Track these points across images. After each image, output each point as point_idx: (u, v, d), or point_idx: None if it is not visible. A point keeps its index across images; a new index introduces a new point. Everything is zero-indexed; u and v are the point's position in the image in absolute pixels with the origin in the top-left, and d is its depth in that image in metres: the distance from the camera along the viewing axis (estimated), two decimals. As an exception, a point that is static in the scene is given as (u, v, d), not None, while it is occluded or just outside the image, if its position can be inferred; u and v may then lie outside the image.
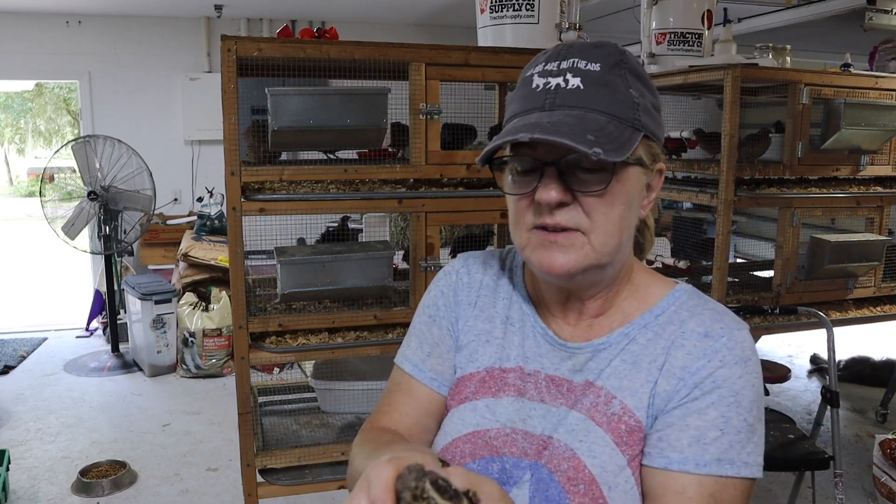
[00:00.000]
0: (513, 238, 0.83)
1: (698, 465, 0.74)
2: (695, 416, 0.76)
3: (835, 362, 2.20)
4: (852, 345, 4.79)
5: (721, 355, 0.78)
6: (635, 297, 0.86)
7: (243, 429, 1.90)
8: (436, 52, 1.89)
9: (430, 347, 0.92)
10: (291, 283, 1.89)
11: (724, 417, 0.75)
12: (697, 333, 0.80)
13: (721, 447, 0.75)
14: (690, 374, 0.78)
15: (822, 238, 2.49)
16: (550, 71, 0.77)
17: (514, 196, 0.79)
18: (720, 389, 0.76)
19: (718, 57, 2.78)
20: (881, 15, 3.26)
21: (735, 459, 0.75)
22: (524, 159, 0.78)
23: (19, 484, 3.10)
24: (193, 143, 5.79)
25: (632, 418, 0.79)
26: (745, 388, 0.77)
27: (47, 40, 5.48)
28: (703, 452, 0.75)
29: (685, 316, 0.82)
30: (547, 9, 2.17)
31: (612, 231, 0.77)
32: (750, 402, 0.77)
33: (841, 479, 2.09)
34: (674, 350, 0.80)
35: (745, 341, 0.80)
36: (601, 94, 0.75)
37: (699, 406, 0.76)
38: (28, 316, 6.16)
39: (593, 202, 0.76)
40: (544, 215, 0.76)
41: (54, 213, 4.66)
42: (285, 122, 1.81)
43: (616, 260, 0.81)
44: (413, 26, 6.17)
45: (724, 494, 0.74)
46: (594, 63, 0.76)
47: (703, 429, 0.75)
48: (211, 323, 4.51)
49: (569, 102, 0.75)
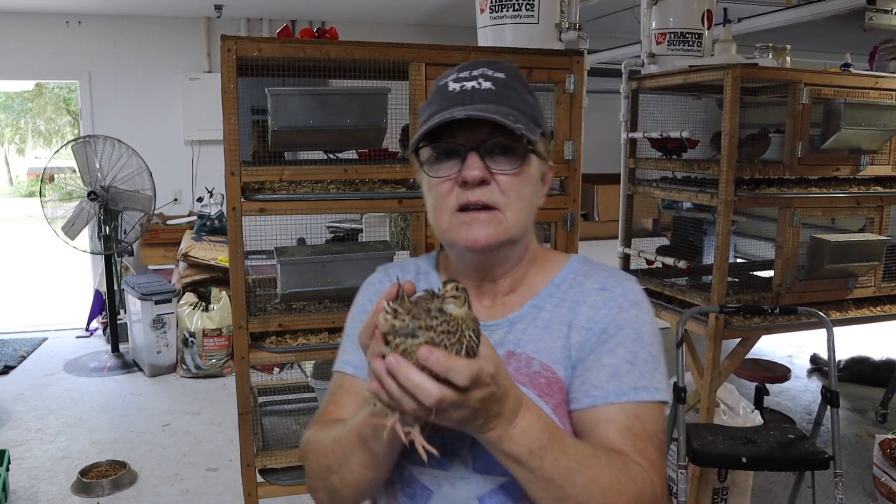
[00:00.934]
0: (434, 224, 0.93)
1: (619, 395, 0.86)
2: (607, 356, 0.88)
3: (835, 362, 2.20)
4: (852, 345, 4.79)
5: (618, 302, 0.92)
6: (539, 272, 0.98)
7: (243, 429, 1.90)
8: (436, 52, 1.89)
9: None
10: (291, 283, 1.89)
11: (631, 353, 0.89)
12: (595, 289, 0.94)
13: (634, 377, 0.87)
14: (596, 323, 0.91)
15: (822, 238, 2.49)
16: (464, 77, 0.90)
17: (437, 181, 0.89)
18: (623, 330, 0.90)
19: (718, 57, 2.78)
20: (881, 15, 3.25)
21: (648, 386, 0.87)
22: (448, 145, 0.88)
23: (19, 484, 3.10)
24: (193, 143, 5.79)
25: (549, 372, 0.90)
26: (644, 326, 0.91)
27: (47, 40, 5.48)
28: (620, 384, 0.87)
29: (582, 279, 0.96)
30: (547, 9, 2.17)
31: (523, 208, 0.90)
32: (650, 337, 0.91)
33: (841, 479, 2.09)
34: (578, 308, 0.93)
35: (635, 289, 0.94)
36: (509, 95, 0.89)
37: (609, 347, 0.89)
38: (28, 316, 6.16)
39: (509, 182, 0.88)
40: (467, 194, 0.87)
41: (54, 213, 4.66)
42: (285, 122, 1.81)
43: (524, 237, 0.94)
44: (413, 26, 6.17)
45: (644, 416, 0.86)
46: (500, 73, 0.90)
47: (616, 365, 0.88)
48: (211, 323, 4.51)
49: (484, 100, 0.87)
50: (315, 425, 0.97)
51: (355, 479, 0.88)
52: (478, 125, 0.86)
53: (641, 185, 2.87)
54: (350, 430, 0.86)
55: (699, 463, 2.19)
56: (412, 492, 0.90)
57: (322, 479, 0.91)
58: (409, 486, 0.90)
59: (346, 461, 0.87)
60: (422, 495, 0.89)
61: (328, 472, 0.90)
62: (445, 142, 0.88)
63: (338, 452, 0.88)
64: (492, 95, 0.88)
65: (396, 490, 0.91)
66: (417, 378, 0.69)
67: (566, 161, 2.01)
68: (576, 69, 1.99)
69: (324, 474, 0.91)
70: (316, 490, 0.94)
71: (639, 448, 0.85)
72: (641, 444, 0.85)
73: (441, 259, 1.06)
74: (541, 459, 0.77)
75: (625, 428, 0.85)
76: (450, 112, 0.85)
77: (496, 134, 0.86)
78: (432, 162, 0.90)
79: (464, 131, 0.87)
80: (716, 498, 2.57)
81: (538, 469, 0.77)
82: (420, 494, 0.89)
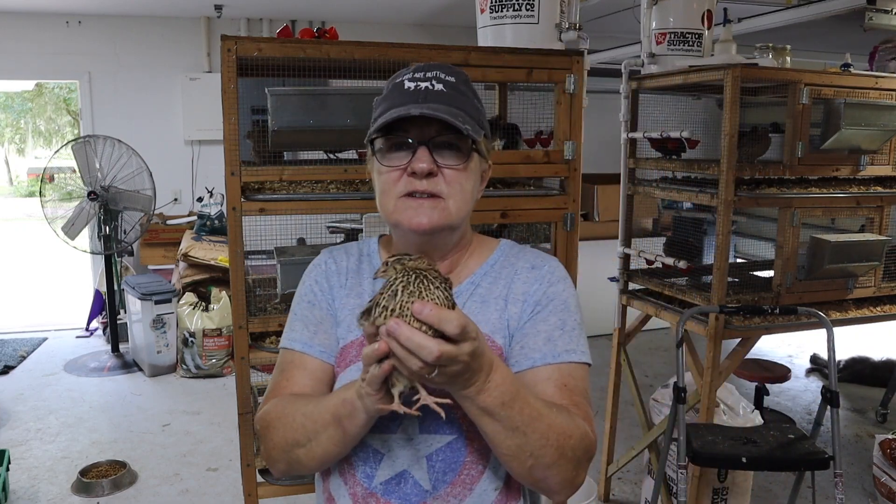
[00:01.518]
0: (381, 206, 1.02)
1: (554, 357, 0.99)
2: (542, 324, 1.01)
3: (835, 362, 2.20)
4: (852, 345, 4.79)
5: (548, 278, 1.06)
6: (473, 256, 1.11)
7: (243, 429, 1.90)
8: (436, 52, 1.89)
9: (315, 326, 1.08)
10: (291, 283, 1.89)
11: (561, 321, 1.02)
12: (526, 268, 1.07)
13: (565, 342, 1.00)
14: (530, 296, 1.04)
15: (822, 238, 2.49)
16: (419, 77, 0.99)
17: (387, 169, 0.99)
18: (553, 301, 1.03)
19: (718, 57, 2.77)
20: (881, 15, 3.25)
21: (577, 349, 1.01)
22: (400, 138, 0.97)
23: (19, 484, 3.10)
24: (193, 143, 5.79)
25: (490, 341, 1.00)
26: (570, 298, 1.05)
27: (47, 40, 5.48)
28: (554, 347, 1.00)
29: (513, 260, 1.09)
30: (547, 9, 2.17)
31: (465, 199, 1.00)
32: (575, 308, 1.05)
33: (841, 479, 2.09)
34: (512, 284, 1.05)
35: (560, 267, 1.10)
36: (458, 98, 0.98)
37: (542, 316, 1.02)
38: (28, 316, 6.16)
39: (453, 175, 0.98)
40: (415, 184, 0.96)
41: (54, 213, 4.66)
42: (285, 122, 1.81)
43: (462, 226, 1.05)
44: (413, 26, 6.17)
45: (576, 375, 1.00)
46: (451, 77, 1.00)
47: (549, 331, 1.01)
48: (211, 323, 4.51)
49: (437, 100, 0.96)
50: (270, 400, 1.04)
51: (323, 453, 0.95)
52: (428, 122, 0.95)
53: (641, 185, 2.87)
54: (324, 408, 0.93)
55: (699, 463, 2.19)
56: (365, 455, 0.99)
57: (286, 452, 0.98)
58: (363, 450, 0.99)
59: (316, 437, 0.94)
60: (374, 458, 0.99)
61: (294, 446, 0.96)
62: (398, 135, 0.98)
63: (308, 428, 0.95)
64: (443, 97, 0.97)
65: (350, 454, 0.99)
66: (419, 338, 0.76)
67: (566, 161, 2.01)
68: (576, 69, 1.99)
69: (289, 447, 0.97)
70: (276, 461, 1.01)
71: (574, 401, 0.97)
72: (576, 399, 0.98)
73: (382, 242, 1.16)
74: (510, 409, 0.86)
75: (562, 385, 0.98)
76: (406, 108, 0.94)
77: (444, 132, 0.96)
78: (384, 152, 1.00)
79: (415, 127, 0.96)
80: (716, 498, 2.57)
81: (507, 419, 0.86)
82: (372, 457, 0.99)
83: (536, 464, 0.89)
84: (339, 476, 1.02)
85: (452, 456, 0.97)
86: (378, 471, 0.98)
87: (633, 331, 2.97)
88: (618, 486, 3.13)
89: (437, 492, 0.97)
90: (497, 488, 0.99)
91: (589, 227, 5.23)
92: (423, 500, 0.97)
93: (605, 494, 3.05)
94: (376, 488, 0.98)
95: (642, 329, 2.98)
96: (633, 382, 2.95)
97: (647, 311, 2.78)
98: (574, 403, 0.96)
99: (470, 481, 0.98)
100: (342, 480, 1.01)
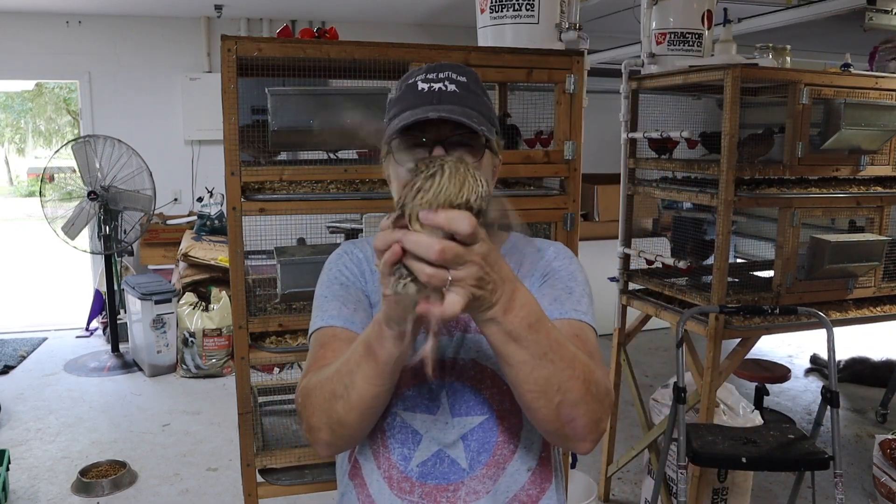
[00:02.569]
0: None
1: (561, 314, 1.01)
2: (548, 289, 1.04)
3: (835, 362, 2.20)
4: (852, 345, 4.79)
5: (553, 256, 1.10)
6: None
7: (243, 429, 1.90)
8: (436, 52, 1.89)
9: (354, 304, 1.07)
10: (291, 283, 1.89)
11: (568, 287, 1.05)
12: (533, 251, 1.12)
13: (572, 303, 1.02)
14: (536, 271, 1.08)
15: (822, 238, 2.49)
16: (432, 79, 1.02)
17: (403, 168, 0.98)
18: (560, 272, 1.07)
19: (718, 57, 2.77)
20: (881, 15, 3.25)
21: (585, 311, 1.02)
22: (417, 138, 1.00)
23: (19, 484, 3.10)
24: (193, 143, 5.79)
25: None
26: (577, 272, 1.08)
27: (47, 40, 5.48)
28: (562, 307, 1.01)
29: (521, 246, 1.13)
30: (547, 9, 2.17)
31: None
32: (583, 281, 1.07)
33: (841, 479, 2.09)
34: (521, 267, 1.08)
35: (566, 249, 1.14)
36: (471, 98, 1.01)
37: (549, 283, 1.05)
38: (28, 316, 6.16)
39: None
40: None
41: (54, 213, 4.66)
42: (285, 122, 1.81)
43: None
44: (413, 26, 6.17)
45: (585, 333, 1.00)
46: (462, 77, 1.03)
47: (555, 294, 1.03)
48: (211, 323, 4.51)
49: (451, 101, 0.99)
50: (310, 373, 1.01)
51: (359, 398, 0.91)
52: (444, 122, 0.98)
53: (641, 185, 2.87)
54: (358, 343, 0.91)
55: (699, 463, 2.19)
56: (404, 437, 1.01)
57: (326, 412, 0.94)
58: (401, 432, 1.01)
59: (352, 380, 0.91)
60: (413, 439, 1.01)
61: (333, 400, 0.93)
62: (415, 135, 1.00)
63: (343, 373, 0.92)
64: (456, 98, 1.00)
65: (387, 437, 1.01)
66: (417, 237, 0.73)
67: (566, 161, 2.01)
68: (576, 69, 1.99)
69: (328, 404, 0.93)
70: (318, 430, 0.96)
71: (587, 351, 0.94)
72: (589, 350, 0.96)
73: None
74: (537, 332, 0.84)
75: (573, 335, 0.97)
76: (423, 111, 0.97)
77: (459, 131, 0.99)
78: (401, 150, 1.02)
79: (431, 127, 0.99)
80: (716, 498, 2.57)
81: (534, 343, 0.84)
82: (412, 439, 1.01)
83: (564, 400, 0.87)
84: (373, 459, 1.02)
85: (485, 436, 1.00)
86: (416, 452, 1.00)
87: (633, 331, 2.97)
88: (618, 486, 3.14)
89: (473, 472, 0.99)
90: (529, 469, 1.02)
91: (589, 227, 5.23)
92: (461, 479, 0.99)
93: (605, 494, 3.05)
94: (412, 472, 1.00)
95: (642, 329, 2.98)
96: (633, 382, 2.95)
97: (647, 311, 2.78)
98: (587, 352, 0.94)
99: (503, 461, 1.00)
100: (376, 464, 1.02)
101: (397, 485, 1.00)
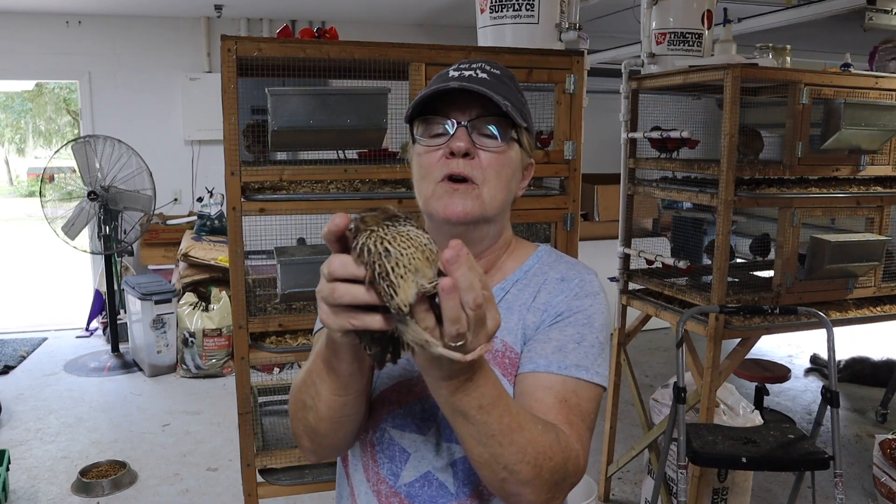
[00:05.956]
0: (418, 192, 0.99)
1: (560, 368, 0.91)
2: (556, 333, 0.94)
3: (835, 362, 2.20)
4: (852, 345, 4.79)
5: (575, 291, 0.98)
6: (509, 259, 1.05)
7: (243, 429, 1.91)
8: (436, 52, 1.89)
9: None
10: (291, 283, 1.89)
11: (579, 334, 0.94)
12: (556, 279, 1.00)
13: (578, 356, 0.92)
14: (552, 307, 0.97)
15: (822, 238, 2.49)
16: (464, 67, 0.98)
17: (425, 150, 0.96)
18: (576, 314, 0.96)
19: (718, 57, 2.77)
20: (881, 15, 3.25)
21: (590, 367, 0.92)
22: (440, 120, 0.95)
23: (19, 484, 3.10)
24: (193, 143, 5.79)
25: (511, 352, 0.96)
26: (596, 314, 0.97)
27: (47, 40, 5.47)
28: (564, 359, 0.92)
29: (546, 269, 1.03)
30: (547, 9, 2.17)
31: (499, 188, 0.96)
32: (600, 325, 0.97)
33: (841, 479, 2.09)
34: (538, 294, 0.99)
35: (593, 281, 1.01)
36: (502, 87, 0.96)
37: (560, 326, 0.95)
38: (28, 316, 6.16)
39: (490, 159, 0.95)
40: (452, 165, 0.94)
41: (54, 213, 4.66)
42: (285, 122, 1.81)
43: (498, 219, 1.00)
44: (413, 26, 6.17)
45: (582, 394, 0.91)
46: (496, 70, 0.98)
47: (563, 341, 0.93)
48: (211, 323, 4.51)
49: (480, 84, 0.93)
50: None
51: (327, 409, 0.89)
52: (469, 106, 0.94)
53: (641, 185, 2.87)
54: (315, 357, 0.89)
55: (699, 463, 2.19)
56: (392, 454, 0.97)
57: (301, 420, 0.94)
58: (389, 448, 0.97)
59: (317, 391, 0.89)
60: (400, 457, 0.97)
61: (304, 410, 0.92)
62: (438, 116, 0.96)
63: (308, 384, 0.90)
64: (487, 83, 0.94)
65: (377, 451, 0.98)
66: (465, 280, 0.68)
67: (566, 161, 2.01)
68: (576, 69, 1.99)
69: (301, 413, 0.93)
70: (299, 437, 0.97)
71: (571, 421, 0.89)
72: (574, 419, 0.89)
73: None
74: (487, 415, 0.78)
75: (562, 399, 0.90)
76: (446, 84, 0.93)
77: (484, 112, 0.94)
78: (424, 135, 0.98)
79: (456, 110, 0.94)
80: (716, 498, 2.57)
81: (483, 424, 0.79)
82: (399, 456, 0.97)
83: (510, 478, 0.82)
84: (362, 471, 1.01)
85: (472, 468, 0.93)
86: (404, 470, 0.97)
87: (633, 331, 2.97)
88: (618, 486, 3.14)
89: (459, 498, 0.95)
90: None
91: (589, 227, 5.23)
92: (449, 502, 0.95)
93: (605, 494, 3.05)
94: (401, 489, 0.97)
95: (642, 329, 2.98)
96: (633, 382, 2.95)
97: (647, 311, 2.78)
98: (570, 423, 0.88)
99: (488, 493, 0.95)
100: (365, 476, 1.00)
101: (385, 499, 0.98)
